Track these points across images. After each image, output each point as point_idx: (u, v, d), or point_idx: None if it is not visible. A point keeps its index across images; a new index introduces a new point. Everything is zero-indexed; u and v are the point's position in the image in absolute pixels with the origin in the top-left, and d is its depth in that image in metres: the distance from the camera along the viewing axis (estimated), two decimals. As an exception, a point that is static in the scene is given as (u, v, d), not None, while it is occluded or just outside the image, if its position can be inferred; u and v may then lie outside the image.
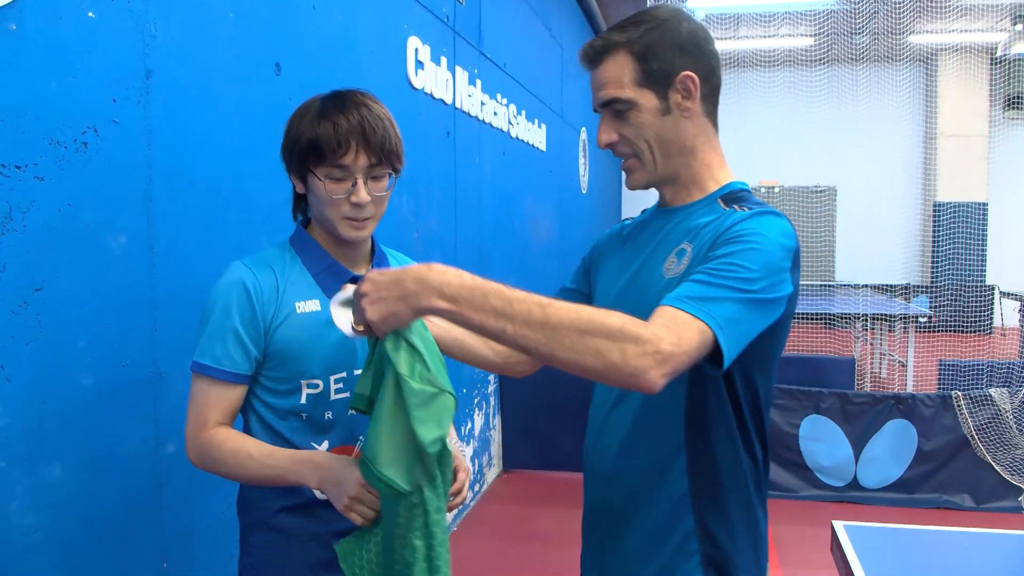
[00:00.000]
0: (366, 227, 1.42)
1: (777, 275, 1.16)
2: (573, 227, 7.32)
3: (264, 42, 2.27)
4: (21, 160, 1.47)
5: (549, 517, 4.29)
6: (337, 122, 1.34)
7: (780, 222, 1.21)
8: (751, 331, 1.14)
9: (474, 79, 4.22)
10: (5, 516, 1.43)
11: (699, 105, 1.29)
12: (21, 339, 1.47)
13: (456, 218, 4.00)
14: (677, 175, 1.32)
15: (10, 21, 1.44)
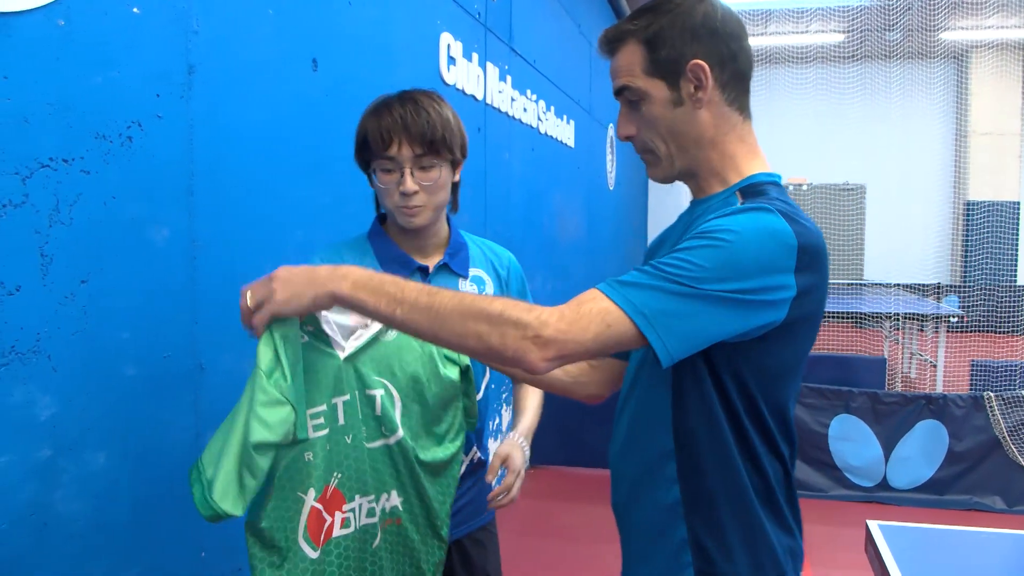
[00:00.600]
0: (418, 214, 1.50)
1: (756, 276, 1.07)
2: (600, 224, 7.31)
3: (301, 38, 2.29)
4: (68, 154, 1.49)
5: (575, 513, 4.30)
6: (383, 117, 1.45)
7: (768, 219, 1.09)
8: (705, 330, 1.07)
9: (504, 75, 4.22)
10: (51, 504, 1.46)
11: (717, 93, 1.20)
12: (67, 330, 1.49)
13: (486, 214, 4.01)
14: (697, 168, 1.25)
15: (58, 17, 1.46)
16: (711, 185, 1.25)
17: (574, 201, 6.12)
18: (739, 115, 1.23)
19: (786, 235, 1.08)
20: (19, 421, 1.39)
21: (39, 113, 1.42)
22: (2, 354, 1.35)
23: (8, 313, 1.36)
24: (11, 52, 1.36)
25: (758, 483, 1.17)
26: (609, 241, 7.91)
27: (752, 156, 1.25)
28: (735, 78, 1.21)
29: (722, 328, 1.08)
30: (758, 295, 1.07)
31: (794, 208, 1.16)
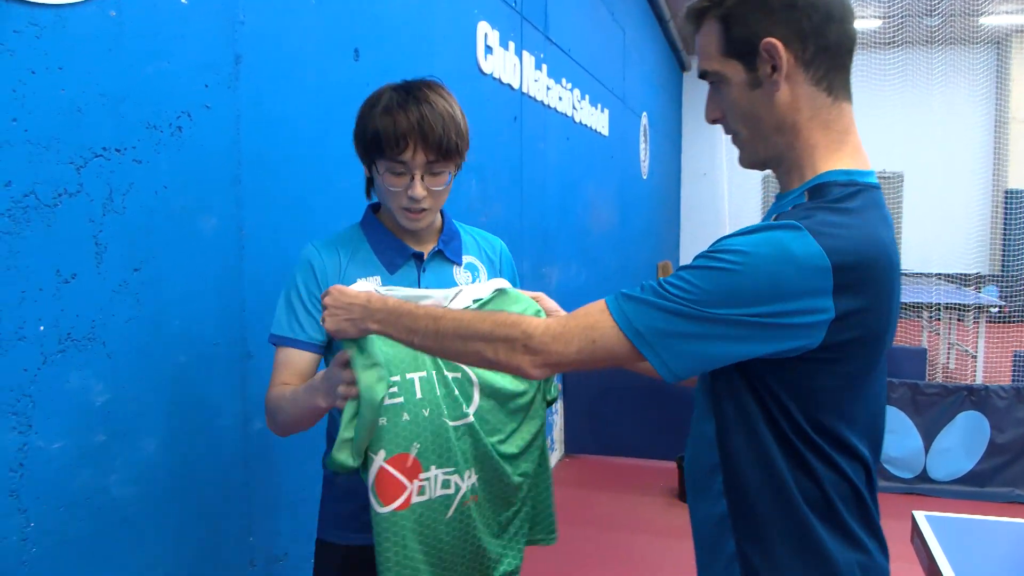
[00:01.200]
0: (422, 217, 1.48)
1: (769, 302, 1.00)
2: (633, 213, 7.27)
3: (343, 28, 2.29)
4: (120, 144, 1.51)
5: (610, 502, 4.29)
6: (397, 119, 1.39)
7: (789, 240, 1.01)
8: (712, 352, 1.04)
9: (540, 64, 4.21)
10: (105, 488, 1.48)
11: (799, 73, 1.11)
12: (121, 317, 1.51)
13: (522, 203, 4.01)
14: (781, 156, 1.16)
15: (110, 8, 1.48)
16: (791, 180, 1.16)
17: (607, 190, 6.09)
18: (827, 96, 1.13)
19: (813, 256, 0.99)
20: (75, 407, 1.42)
21: (92, 104, 1.44)
22: (59, 341, 1.38)
23: (64, 301, 1.39)
24: (65, 44, 1.38)
25: (815, 497, 1.11)
26: (642, 231, 7.87)
27: (836, 147, 1.14)
28: (822, 55, 1.11)
29: (733, 351, 1.04)
30: (776, 319, 1.01)
31: (850, 218, 1.05)
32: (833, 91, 1.13)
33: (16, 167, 1.29)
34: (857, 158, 1.15)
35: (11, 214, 1.28)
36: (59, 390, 1.38)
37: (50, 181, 1.36)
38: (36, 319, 1.33)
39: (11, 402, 1.28)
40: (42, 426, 1.34)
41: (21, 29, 1.28)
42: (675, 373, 1.05)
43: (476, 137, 3.35)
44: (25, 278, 1.31)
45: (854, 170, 1.12)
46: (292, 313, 1.46)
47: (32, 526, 1.32)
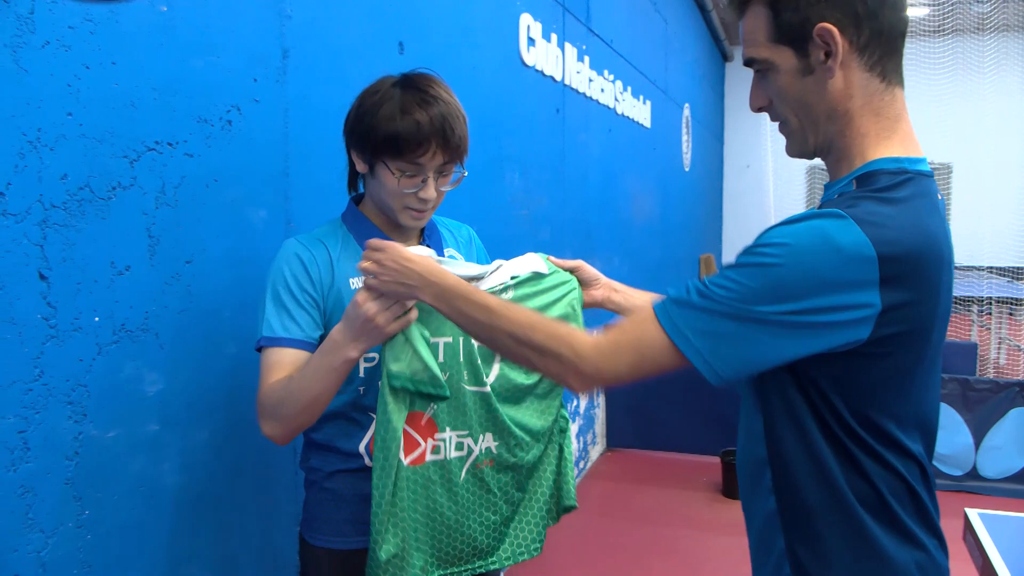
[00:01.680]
0: (425, 217, 1.46)
1: (815, 295, 0.98)
2: (675, 205, 7.20)
3: (388, 21, 2.29)
4: (173, 137, 1.53)
5: (651, 496, 4.26)
6: (420, 120, 1.34)
7: (833, 228, 0.98)
8: (760, 354, 1.02)
9: (582, 55, 4.18)
10: (157, 476, 1.51)
11: (853, 58, 1.06)
12: (174, 308, 1.53)
13: (564, 195, 3.99)
14: (831, 145, 1.12)
15: (161, 3, 1.49)
16: (840, 168, 1.13)
17: (649, 183, 6.03)
18: (880, 82, 1.09)
19: (858, 246, 0.96)
20: (129, 397, 1.44)
21: (145, 98, 1.46)
22: (113, 332, 1.40)
23: (119, 292, 1.41)
24: (118, 39, 1.39)
25: (867, 495, 1.07)
26: (683, 223, 7.79)
27: (886, 134, 1.10)
28: (876, 39, 1.07)
29: (782, 352, 1.01)
30: (823, 316, 0.98)
31: (898, 208, 1.02)
32: (886, 76, 1.09)
33: (72, 161, 1.31)
34: (908, 145, 1.10)
35: (67, 207, 1.30)
36: (113, 380, 1.40)
37: (104, 174, 1.37)
38: (91, 310, 1.35)
39: (67, 391, 1.30)
40: (97, 415, 1.36)
41: (76, 25, 1.30)
42: (721, 376, 1.03)
43: (519, 130, 3.35)
44: (81, 270, 1.33)
45: (904, 157, 1.08)
46: (283, 311, 1.38)
47: (87, 513, 1.34)
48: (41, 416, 1.25)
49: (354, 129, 1.41)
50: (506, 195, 3.27)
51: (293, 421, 1.35)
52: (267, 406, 1.35)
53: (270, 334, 1.37)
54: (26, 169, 1.22)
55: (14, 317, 1.21)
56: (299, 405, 1.32)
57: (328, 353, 1.30)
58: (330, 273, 1.42)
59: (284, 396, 1.33)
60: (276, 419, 1.35)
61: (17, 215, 1.21)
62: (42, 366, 1.25)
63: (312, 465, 1.52)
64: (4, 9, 1.18)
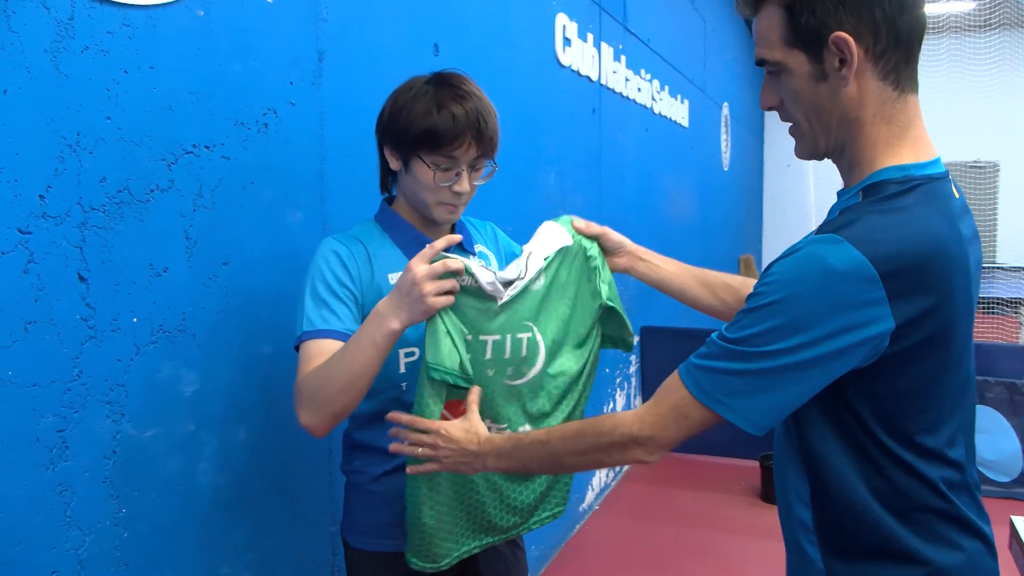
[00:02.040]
0: (458, 211, 1.48)
1: (827, 320, 0.97)
2: (714, 205, 7.12)
3: (423, 23, 2.29)
4: (210, 140, 1.54)
5: (688, 500, 4.21)
6: (456, 114, 1.37)
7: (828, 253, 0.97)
8: (791, 398, 1.02)
9: (619, 55, 4.15)
10: (195, 475, 1.52)
11: (868, 67, 1.04)
12: (211, 310, 1.55)
13: (600, 196, 3.96)
14: (842, 150, 1.11)
15: (198, 7, 1.51)
16: (852, 175, 1.11)
17: (687, 182, 5.97)
18: (894, 90, 1.07)
19: (857, 267, 0.95)
20: (166, 396, 1.45)
21: (182, 101, 1.47)
22: (151, 332, 1.41)
23: (156, 293, 1.42)
24: (155, 43, 1.41)
25: (901, 504, 1.05)
26: (722, 223, 7.70)
27: (895, 142, 1.08)
28: (893, 47, 1.04)
29: (812, 385, 1.02)
30: (839, 339, 0.97)
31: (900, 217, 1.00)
32: (900, 84, 1.07)
33: (110, 164, 1.32)
34: (918, 149, 1.08)
35: (105, 209, 1.31)
36: (151, 380, 1.41)
37: (143, 177, 1.39)
38: (129, 311, 1.37)
39: (105, 391, 1.32)
40: (134, 415, 1.38)
41: (114, 30, 1.32)
42: (763, 426, 1.04)
43: (555, 130, 3.33)
44: (119, 271, 1.35)
45: (912, 164, 1.06)
46: (323, 305, 1.38)
47: (124, 512, 1.36)
48: (79, 415, 1.27)
49: (389, 126, 1.44)
50: (542, 195, 3.25)
51: (332, 404, 1.31)
52: (305, 392, 1.32)
53: (310, 328, 1.36)
54: (65, 172, 1.24)
55: (53, 318, 1.23)
56: (339, 385, 1.29)
57: (371, 323, 1.29)
58: (368, 268, 1.44)
59: (323, 377, 1.30)
60: (314, 404, 1.32)
61: (57, 218, 1.23)
62: (81, 366, 1.27)
63: (355, 468, 1.54)
64: (44, 15, 1.20)
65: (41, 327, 1.21)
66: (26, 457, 1.20)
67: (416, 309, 1.27)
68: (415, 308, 1.27)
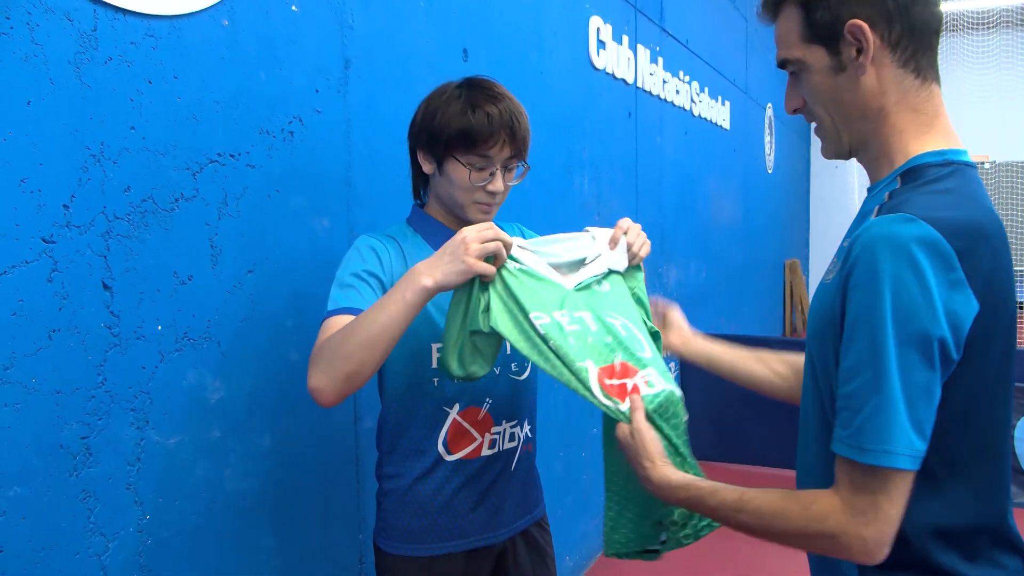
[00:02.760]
0: (492, 212, 1.51)
1: (933, 308, 0.94)
2: (758, 208, 7.03)
3: (452, 28, 2.30)
4: (235, 149, 1.56)
5: (732, 509, 4.15)
6: (491, 113, 1.42)
7: (907, 231, 0.95)
8: (928, 413, 0.96)
9: (656, 57, 4.12)
10: (220, 481, 1.54)
11: (886, 55, 1.06)
12: (236, 317, 1.57)
13: (637, 200, 3.93)
14: (867, 143, 1.12)
15: (223, 17, 1.53)
16: (880, 167, 1.12)
17: (730, 186, 5.90)
18: (915, 78, 1.08)
19: (932, 243, 0.94)
20: (191, 403, 1.47)
21: (207, 110, 1.49)
22: (175, 340, 1.43)
23: (181, 301, 1.44)
24: (180, 53, 1.44)
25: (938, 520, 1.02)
26: (768, 227, 7.60)
27: (924, 129, 1.08)
28: (909, 34, 1.06)
29: (938, 391, 0.96)
30: (935, 328, 0.94)
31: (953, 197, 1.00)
32: (921, 72, 1.08)
33: (135, 173, 1.35)
34: (948, 138, 1.09)
35: (130, 219, 1.34)
36: (176, 387, 1.44)
37: (167, 186, 1.41)
38: (154, 319, 1.39)
39: (129, 398, 1.34)
40: (159, 422, 1.40)
41: (138, 41, 1.34)
42: (915, 457, 0.96)
43: (590, 134, 3.32)
44: (144, 280, 1.37)
45: (948, 149, 1.07)
46: (349, 288, 1.39)
47: (148, 518, 1.38)
48: (104, 422, 1.30)
49: (422, 129, 1.48)
50: (577, 201, 3.24)
51: (347, 363, 1.25)
52: (323, 352, 1.29)
53: (333, 307, 1.36)
54: (89, 182, 1.27)
55: (77, 326, 1.25)
56: (359, 340, 1.25)
57: (404, 279, 1.28)
58: (402, 262, 1.48)
59: (343, 336, 1.27)
60: (329, 364, 1.27)
61: (81, 227, 1.25)
62: (105, 373, 1.30)
63: (388, 473, 1.55)
64: (68, 27, 1.23)
65: (65, 335, 1.23)
66: (50, 464, 1.22)
67: (454, 267, 1.27)
68: (453, 265, 1.27)
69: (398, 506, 1.54)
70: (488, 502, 1.55)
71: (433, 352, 1.48)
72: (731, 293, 6.03)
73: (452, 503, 1.52)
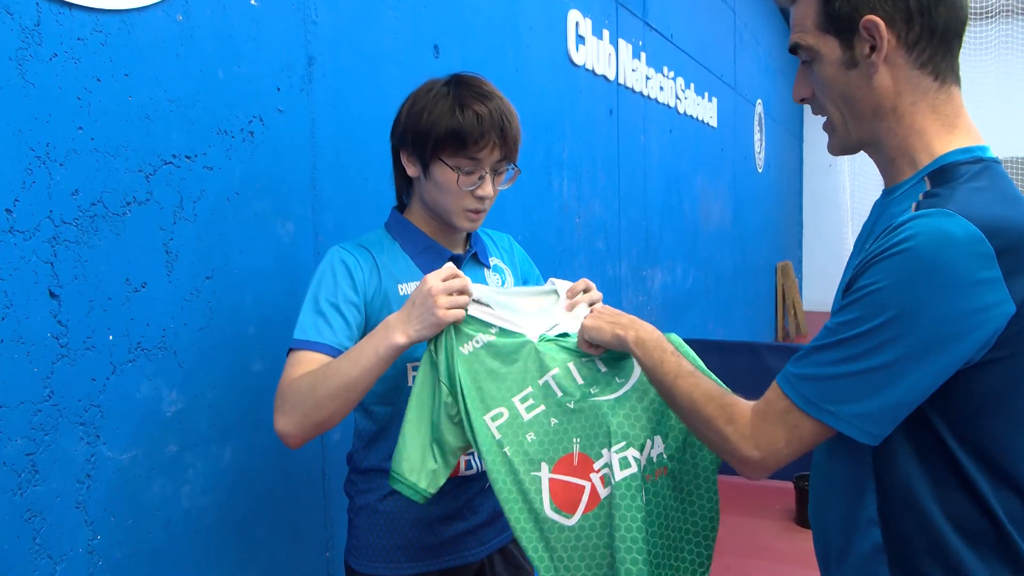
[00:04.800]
0: (480, 219, 1.49)
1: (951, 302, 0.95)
2: (748, 209, 7.08)
3: (422, 24, 2.31)
4: (191, 150, 1.56)
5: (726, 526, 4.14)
6: (480, 113, 1.39)
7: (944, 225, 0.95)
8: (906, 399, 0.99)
9: (638, 52, 4.14)
10: (177, 499, 1.53)
11: (901, 55, 1.06)
12: (193, 326, 1.56)
13: (620, 202, 3.95)
14: (880, 143, 1.12)
15: (177, 12, 1.53)
16: (900, 169, 1.12)
17: (718, 186, 5.94)
18: (933, 80, 1.08)
19: (972, 242, 0.94)
20: (146, 417, 1.46)
21: (161, 110, 1.49)
22: (129, 350, 1.43)
23: (134, 310, 1.44)
24: (132, 49, 1.43)
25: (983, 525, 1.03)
26: (758, 228, 7.65)
27: (948, 129, 1.09)
28: (928, 35, 1.06)
29: (930, 384, 0.99)
30: (954, 325, 0.95)
31: (991, 194, 1.00)
32: (940, 75, 1.09)
33: (83, 176, 1.34)
34: (973, 136, 1.10)
35: (79, 223, 1.33)
36: (129, 400, 1.43)
37: (119, 189, 1.41)
38: (105, 328, 1.38)
39: (79, 412, 1.33)
40: (111, 436, 1.39)
41: (85, 36, 1.34)
42: (876, 435, 1.02)
43: (569, 134, 3.33)
44: (94, 287, 1.36)
45: (975, 146, 1.08)
46: (320, 316, 1.40)
47: (99, 539, 1.37)
48: (51, 437, 1.29)
49: (407, 129, 1.46)
50: (557, 203, 3.25)
51: (317, 411, 1.30)
52: (289, 396, 1.32)
53: (301, 336, 1.38)
54: (34, 185, 1.26)
55: (22, 336, 1.24)
56: (329, 390, 1.29)
57: (377, 333, 1.32)
58: (376, 277, 1.46)
59: (314, 383, 1.30)
60: (297, 410, 1.31)
61: (25, 232, 1.25)
62: (52, 386, 1.29)
63: (361, 487, 1.55)
64: (8, 21, 1.22)
65: (9, 346, 1.22)
66: (-7, 481, 1.21)
67: (427, 321, 1.29)
68: (425, 319, 1.29)
69: (370, 523, 1.53)
70: (464, 519, 1.55)
71: (408, 371, 1.47)
72: (720, 297, 6.06)
73: (426, 519, 1.52)
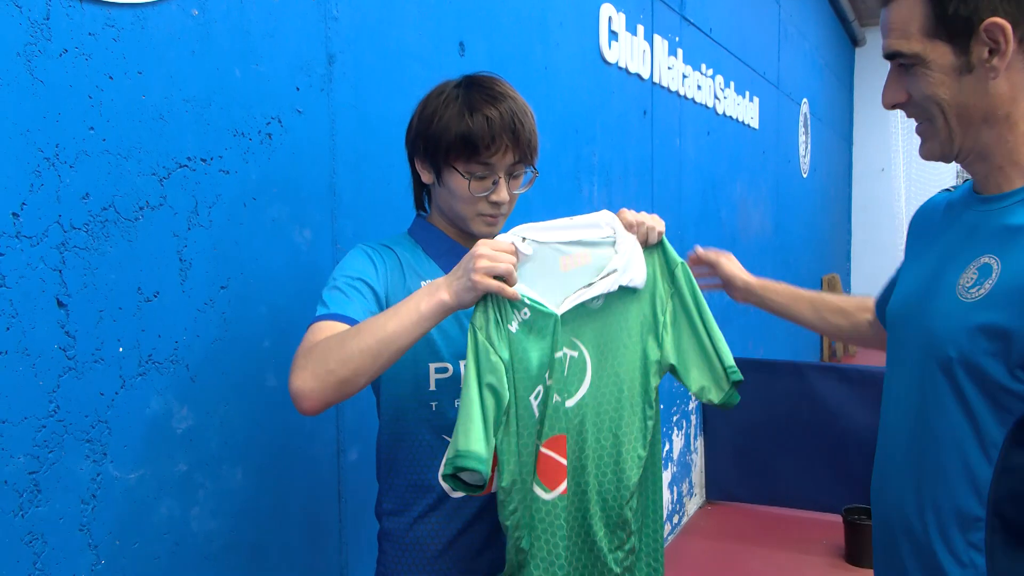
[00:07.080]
0: (499, 224, 1.51)
1: None
2: (792, 216, 7.03)
3: (447, 20, 2.31)
4: (207, 153, 1.57)
5: (759, 559, 4.10)
6: (490, 116, 1.41)
7: None
8: None
9: (675, 48, 4.13)
10: (186, 521, 1.54)
11: (1019, 60, 1.08)
12: (207, 338, 1.57)
13: (652, 207, 3.94)
14: (987, 150, 1.13)
15: (192, 6, 1.54)
16: (1008, 176, 1.12)
17: (759, 192, 5.91)
18: None
19: None
20: (155, 434, 1.47)
21: (175, 110, 1.50)
22: (139, 363, 1.44)
23: (146, 321, 1.45)
24: (145, 46, 1.44)
25: None
26: (802, 237, 7.59)
27: None
28: None
29: None
30: None
31: None
32: None
33: (94, 179, 1.36)
34: None
35: (88, 229, 1.35)
36: (138, 416, 1.44)
37: (131, 193, 1.42)
38: (115, 340, 1.39)
39: (85, 428, 1.34)
40: (118, 455, 1.40)
41: (97, 32, 1.36)
42: None
43: (600, 136, 3.33)
44: (104, 297, 1.38)
45: None
46: (338, 292, 1.39)
47: (103, 563, 1.38)
48: (55, 455, 1.30)
49: (418, 135, 1.49)
50: (586, 210, 3.23)
51: (344, 367, 1.24)
52: (313, 353, 1.27)
53: (323, 311, 1.37)
54: (43, 188, 1.27)
55: (27, 348, 1.26)
56: (361, 345, 1.24)
57: (419, 292, 1.30)
58: (399, 272, 1.49)
59: (344, 338, 1.27)
60: (321, 365, 1.25)
61: (32, 238, 1.26)
62: (58, 400, 1.30)
63: (388, 509, 1.54)
64: (16, 15, 1.24)
65: (13, 358, 1.24)
66: (-5, 501, 1.22)
67: (462, 283, 1.28)
68: (462, 281, 1.28)
69: (399, 552, 1.52)
70: (498, 544, 1.53)
71: (431, 373, 1.48)
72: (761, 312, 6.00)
73: (457, 545, 1.50)
